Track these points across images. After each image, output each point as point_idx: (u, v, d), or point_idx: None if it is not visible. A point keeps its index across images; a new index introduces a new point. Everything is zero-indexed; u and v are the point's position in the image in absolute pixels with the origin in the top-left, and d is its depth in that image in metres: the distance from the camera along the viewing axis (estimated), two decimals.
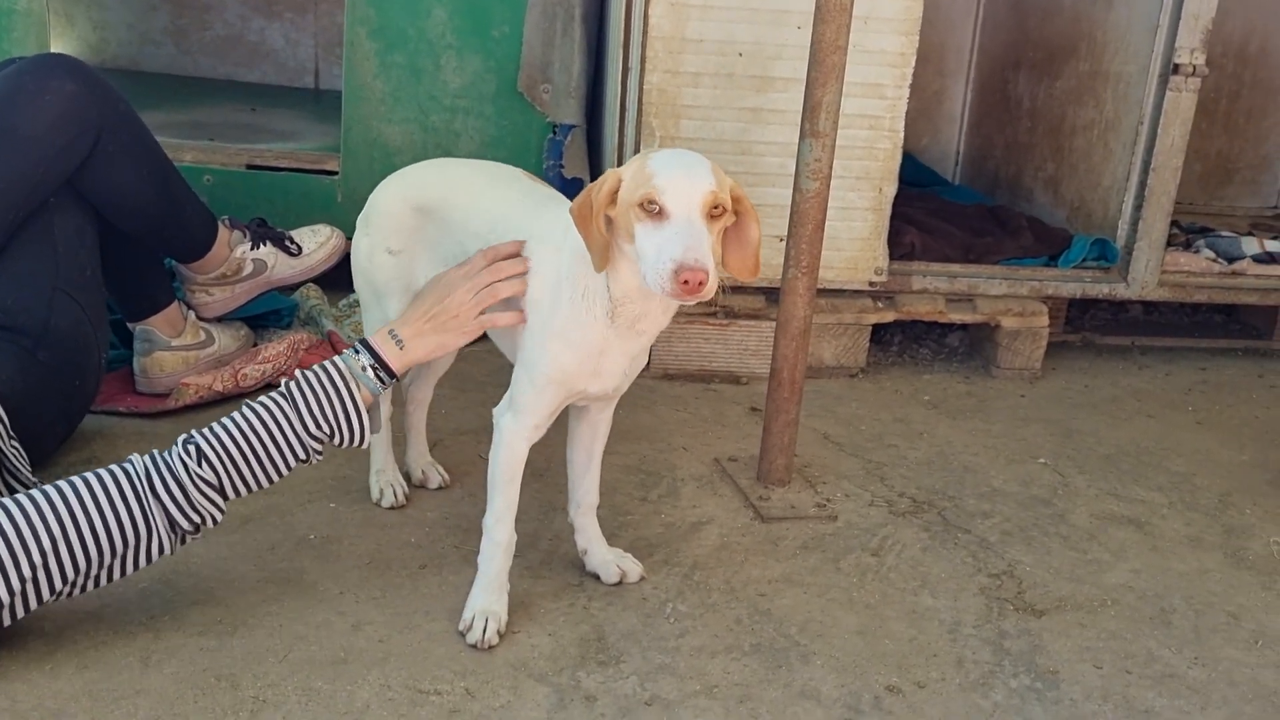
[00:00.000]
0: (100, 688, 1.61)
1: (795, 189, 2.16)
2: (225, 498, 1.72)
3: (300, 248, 2.75)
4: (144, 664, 1.66)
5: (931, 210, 3.43)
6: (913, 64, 2.75)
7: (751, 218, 1.69)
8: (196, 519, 1.70)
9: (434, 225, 1.96)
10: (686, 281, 1.52)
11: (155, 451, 1.71)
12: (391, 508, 2.15)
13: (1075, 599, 2.03)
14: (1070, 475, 2.52)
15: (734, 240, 1.70)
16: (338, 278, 2.94)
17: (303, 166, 3.11)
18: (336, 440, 1.77)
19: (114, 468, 1.69)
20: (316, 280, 2.90)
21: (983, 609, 1.98)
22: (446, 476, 2.26)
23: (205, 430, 1.72)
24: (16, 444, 2.03)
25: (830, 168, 2.14)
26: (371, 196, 2.08)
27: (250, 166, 3.08)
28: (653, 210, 1.58)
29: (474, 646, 1.75)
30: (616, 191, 1.64)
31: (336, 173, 3.08)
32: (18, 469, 2.02)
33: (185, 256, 2.58)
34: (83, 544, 1.63)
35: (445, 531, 2.09)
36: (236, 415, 1.73)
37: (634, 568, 1.97)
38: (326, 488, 2.22)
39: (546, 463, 2.33)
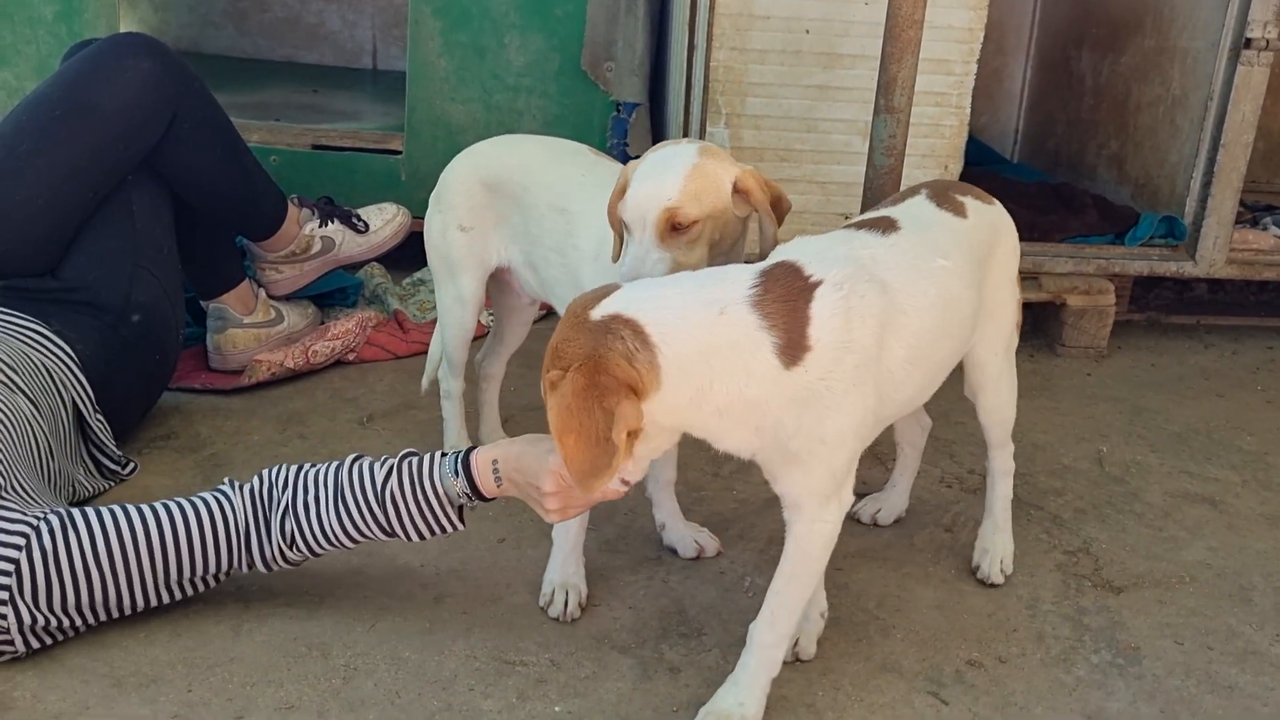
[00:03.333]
0: (195, 655, 1.64)
1: (869, 165, 2.16)
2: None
3: (367, 225, 2.77)
4: (235, 633, 1.70)
5: (993, 189, 3.38)
6: (981, 39, 2.72)
7: (766, 213, 1.60)
8: (272, 570, 1.72)
9: (502, 201, 1.98)
10: None
11: (256, 503, 1.67)
12: None
13: (1153, 576, 2.02)
14: (1142, 453, 2.49)
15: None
16: (400, 257, 2.98)
17: (367, 146, 3.13)
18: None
19: (220, 507, 1.67)
20: (380, 259, 2.93)
21: (1060, 585, 1.97)
22: None
23: (304, 516, 1.66)
24: (101, 418, 2.08)
25: (904, 144, 2.13)
26: (443, 174, 2.10)
27: (315, 147, 3.10)
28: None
29: (556, 620, 1.77)
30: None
31: (400, 152, 3.10)
32: (103, 442, 2.06)
33: (256, 234, 2.61)
34: (181, 564, 1.65)
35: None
36: (333, 514, 1.66)
37: (711, 543, 1.98)
38: None
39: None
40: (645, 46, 3.04)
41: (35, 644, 1.59)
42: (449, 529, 1.69)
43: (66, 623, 1.61)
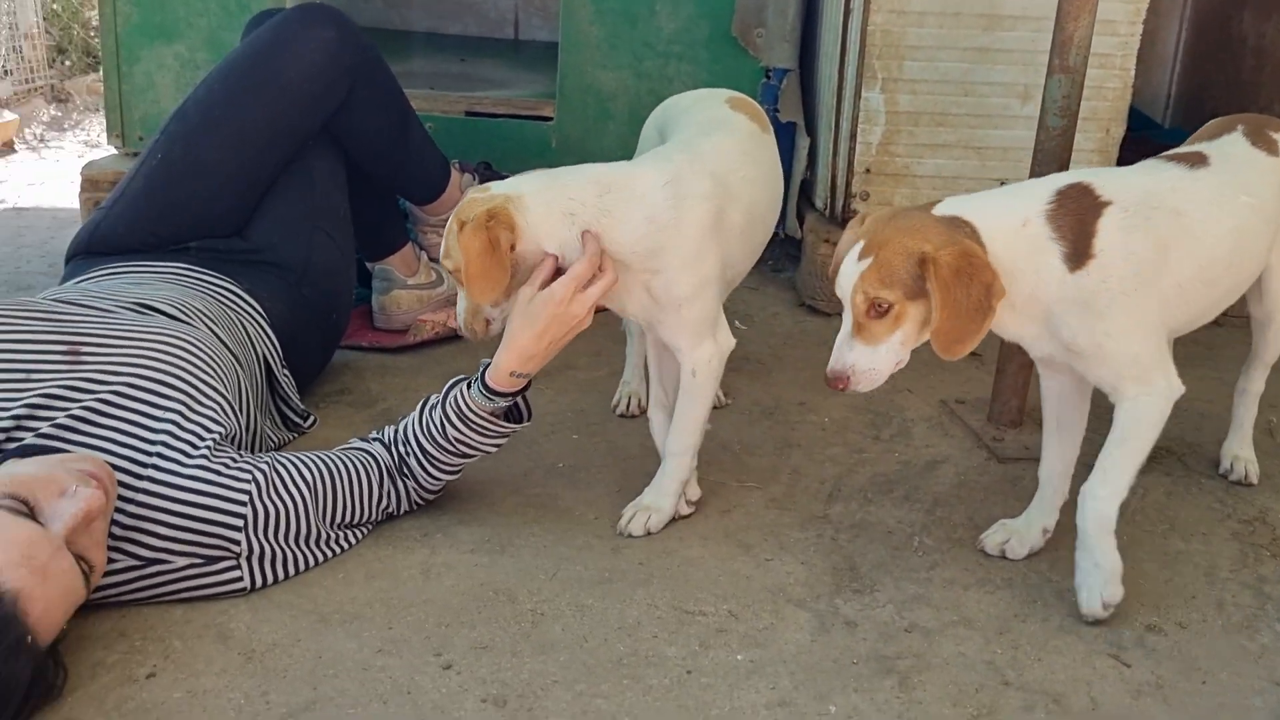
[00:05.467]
0: (390, 596, 1.72)
1: (1040, 127, 2.13)
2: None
3: None
4: (425, 576, 1.77)
5: (1149, 154, 3.31)
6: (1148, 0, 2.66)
7: None
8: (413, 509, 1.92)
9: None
10: None
11: (391, 454, 1.88)
12: (622, 416, 2.31)
13: None
14: None
15: None
16: None
17: (519, 113, 3.19)
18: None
19: (373, 453, 1.88)
20: None
21: (1237, 554, 1.94)
22: (724, 398, 2.37)
23: (415, 471, 1.87)
24: (287, 372, 2.17)
25: (1078, 105, 2.10)
26: None
27: (469, 113, 3.18)
28: None
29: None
30: None
31: (551, 118, 3.15)
32: (289, 396, 2.16)
33: (421, 198, 2.69)
34: (352, 505, 1.83)
35: (703, 469, 2.12)
36: (435, 468, 1.87)
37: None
38: (567, 421, 2.30)
39: (775, 402, 2.37)
40: (796, 11, 3.04)
41: (259, 580, 1.70)
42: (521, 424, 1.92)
43: (281, 555, 1.72)
